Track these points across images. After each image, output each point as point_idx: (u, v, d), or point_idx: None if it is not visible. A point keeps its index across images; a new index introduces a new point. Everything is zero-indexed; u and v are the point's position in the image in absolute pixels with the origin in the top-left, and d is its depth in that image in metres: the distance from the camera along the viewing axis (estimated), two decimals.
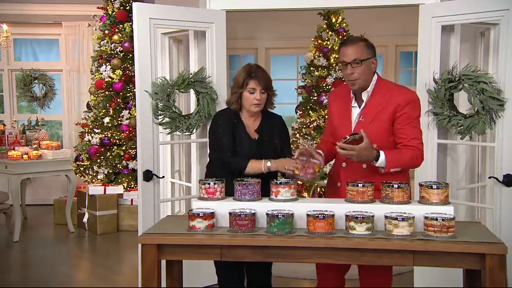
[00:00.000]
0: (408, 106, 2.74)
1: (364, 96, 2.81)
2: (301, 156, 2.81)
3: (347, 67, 2.76)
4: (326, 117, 3.11)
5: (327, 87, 6.20)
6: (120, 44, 6.36)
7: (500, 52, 3.48)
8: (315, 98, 6.26)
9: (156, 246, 2.49)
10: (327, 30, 6.38)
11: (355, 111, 2.84)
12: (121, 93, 6.32)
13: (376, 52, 2.88)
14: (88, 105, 6.70)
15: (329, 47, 6.34)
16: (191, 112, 3.90)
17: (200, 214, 2.53)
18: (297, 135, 6.32)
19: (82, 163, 6.42)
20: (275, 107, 3.11)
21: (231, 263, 2.90)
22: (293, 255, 2.45)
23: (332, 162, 3.06)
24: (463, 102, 3.82)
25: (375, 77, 2.83)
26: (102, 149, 6.29)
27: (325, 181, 2.77)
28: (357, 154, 2.61)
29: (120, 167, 6.26)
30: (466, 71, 3.50)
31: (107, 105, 6.35)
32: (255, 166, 2.87)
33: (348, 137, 2.66)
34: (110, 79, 6.32)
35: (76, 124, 7.02)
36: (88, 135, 6.42)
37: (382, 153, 2.66)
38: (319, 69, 6.33)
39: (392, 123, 2.76)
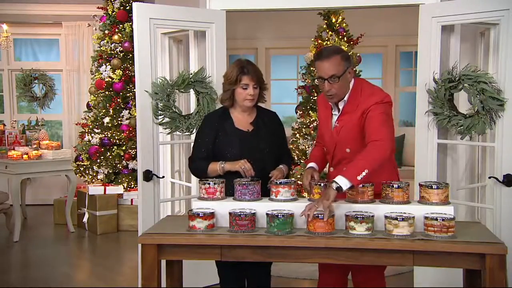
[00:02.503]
0: (374, 105, 2.69)
1: (341, 104, 2.82)
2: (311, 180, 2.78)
3: (324, 83, 2.73)
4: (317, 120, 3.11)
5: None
6: (120, 44, 6.35)
7: (500, 52, 3.48)
8: (315, 98, 6.25)
9: (156, 246, 2.49)
10: (327, 30, 6.37)
11: (334, 117, 2.87)
12: (121, 93, 6.32)
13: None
14: (88, 105, 6.70)
15: None
16: (191, 112, 3.90)
17: (200, 214, 2.53)
18: (297, 135, 6.31)
19: (82, 163, 6.41)
20: (265, 101, 3.12)
21: (233, 263, 2.90)
22: (293, 255, 2.45)
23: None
24: (463, 102, 3.82)
25: (352, 81, 2.81)
26: (102, 149, 6.29)
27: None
28: (317, 201, 2.50)
29: (120, 167, 6.26)
30: (466, 71, 3.50)
31: (107, 105, 6.35)
32: (213, 168, 2.93)
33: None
34: (110, 79, 6.32)
35: (76, 124, 7.02)
36: (88, 135, 6.42)
37: (338, 177, 2.51)
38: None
39: (363, 126, 2.72)
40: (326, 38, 6.33)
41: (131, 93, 6.25)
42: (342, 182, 2.49)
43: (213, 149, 2.97)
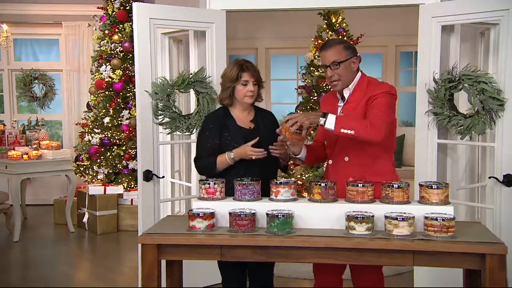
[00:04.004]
0: (380, 94, 2.78)
1: (346, 93, 2.89)
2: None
3: (327, 70, 2.87)
4: None
5: (327, 87, 6.20)
6: (120, 44, 6.36)
7: (500, 52, 3.48)
8: (315, 98, 6.26)
9: (156, 246, 2.49)
10: (327, 30, 6.37)
11: (339, 109, 2.92)
12: (121, 93, 6.32)
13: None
14: (88, 105, 6.70)
15: None
16: (191, 112, 3.90)
17: (200, 214, 2.53)
18: None
19: (82, 163, 6.42)
20: (262, 99, 3.16)
21: (235, 263, 2.91)
22: (293, 255, 2.46)
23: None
24: (463, 102, 3.82)
25: (359, 74, 2.91)
26: (102, 149, 6.29)
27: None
28: (303, 115, 2.69)
29: (120, 167, 6.26)
30: (466, 71, 3.50)
31: (107, 105, 6.35)
32: (222, 160, 2.94)
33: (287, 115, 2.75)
34: (110, 79, 6.32)
35: (76, 124, 7.02)
36: (88, 135, 6.42)
37: (330, 115, 2.66)
38: (319, 69, 6.33)
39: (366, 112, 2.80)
40: (326, 38, 6.33)
41: (131, 93, 6.25)
42: (330, 120, 2.63)
43: (218, 147, 2.99)
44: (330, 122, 2.63)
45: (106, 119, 6.32)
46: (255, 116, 3.08)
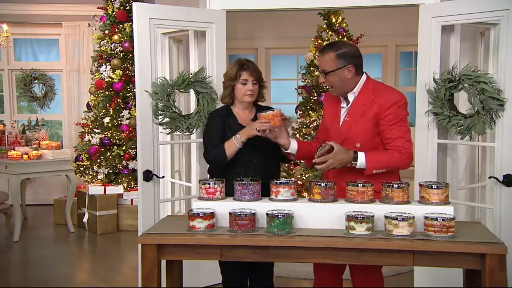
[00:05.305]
0: (393, 106, 2.76)
1: (351, 96, 2.87)
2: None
3: (320, 75, 2.94)
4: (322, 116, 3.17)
5: (327, 87, 6.19)
6: (120, 44, 6.36)
7: (500, 52, 3.48)
8: (315, 98, 6.25)
9: (156, 246, 2.49)
10: (327, 30, 6.37)
11: (343, 111, 2.91)
12: (121, 93, 6.32)
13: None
14: (88, 105, 6.70)
15: None
16: (191, 112, 3.90)
17: (200, 214, 2.53)
18: (297, 135, 6.31)
19: (82, 163, 6.42)
20: (265, 99, 3.17)
21: (235, 263, 2.91)
22: (293, 255, 2.46)
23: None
24: (463, 102, 3.82)
25: (363, 77, 2.87)
26: (102, 149, 6.29)
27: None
28: (334, 159, 2.67)
29: (120, 167, 6.26)
30: (466, 71, 3.50)
31: (107, 105, 6.35)
32: (230, 144, 2.94)
33: (318, 151, 2.73)
34: (110, 79, 6.32)
35: (76, 124, 7.02)
36: (88, 135, 6.42)
37: (361, 154, 2.70)
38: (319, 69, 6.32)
39: (376, 124, 2.79)
40: (326, 38, 6.33)
41: (131, 93, 6.25)
42: (361, 160, 2.69)
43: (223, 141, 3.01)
44: (361, 163, 2.70)
45: (106, 119, 6.32)
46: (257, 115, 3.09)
